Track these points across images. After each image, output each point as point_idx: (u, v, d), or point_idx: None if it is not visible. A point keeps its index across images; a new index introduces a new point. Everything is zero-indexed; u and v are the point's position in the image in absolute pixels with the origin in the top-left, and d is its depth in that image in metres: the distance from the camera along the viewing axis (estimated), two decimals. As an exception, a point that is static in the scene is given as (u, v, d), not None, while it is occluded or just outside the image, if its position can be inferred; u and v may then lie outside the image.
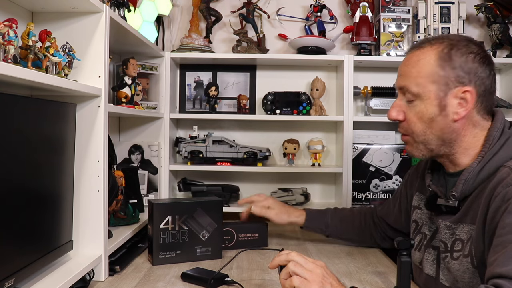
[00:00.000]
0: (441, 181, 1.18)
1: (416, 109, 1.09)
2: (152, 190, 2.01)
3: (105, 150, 1.27)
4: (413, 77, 1.09)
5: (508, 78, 2.16)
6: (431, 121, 1.08)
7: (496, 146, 1.05)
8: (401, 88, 1.12)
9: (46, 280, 1.06)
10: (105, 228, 1.28)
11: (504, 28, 2.08)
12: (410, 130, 1.12)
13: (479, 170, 1.05)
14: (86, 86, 1.19)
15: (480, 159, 1.05)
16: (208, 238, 1.45)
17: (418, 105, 1.09)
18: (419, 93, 1.08)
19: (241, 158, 2.05)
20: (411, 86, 1.09)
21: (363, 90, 2.13)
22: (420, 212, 1.26)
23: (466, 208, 1.07)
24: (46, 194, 1.09)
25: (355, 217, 1.58)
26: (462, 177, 1.07)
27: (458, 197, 1.08)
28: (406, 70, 1.11)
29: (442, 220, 1.13)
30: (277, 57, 2.13)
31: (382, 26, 2.11)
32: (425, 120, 1.08)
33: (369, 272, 1.33)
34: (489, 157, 1.05)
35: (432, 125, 1.08)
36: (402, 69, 1.13)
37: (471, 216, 1.06)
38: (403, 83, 1.11)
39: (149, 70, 2.02)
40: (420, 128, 1.10)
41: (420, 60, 1.09)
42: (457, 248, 1.08)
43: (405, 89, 1.10)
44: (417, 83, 1.08)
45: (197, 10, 2.14)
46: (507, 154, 1.04)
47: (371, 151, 2.10)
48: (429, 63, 1.07)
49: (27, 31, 1.01)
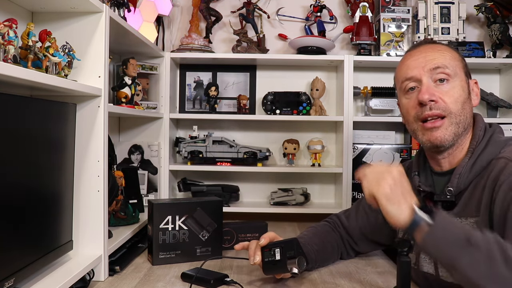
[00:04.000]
0: (429, 181, 1.20)
1: (454, 89, 1.12)
2: (152, 190, 2.01)
3: (105, 150, 1.27)
4: (448, 59, 1.13)
5: (508, 78, 2.16)
6: (464, 102, 1.13)
7: (482, 143, 1.12)
8: (434, 69, 1.12)
9: (46, 280, 1.06)
10: (105, 228, 1.27)
11: (504, 28, 2.08)
12: (448, 109, 1.11)
13: (471, 165, 1.10)
14: (86, 86, 1.19)
15: (470, 155, 1.11)
16: (208, 238, 1.45)
17: (455, 86, 1.12)
18: (456, 74, 1.12)
19: (241, 158, 2.05)
20: (448, 66, 1.12)
21: (363, 90, 2.14)
22: None
23: (463, 202, 1.10)
24: (46, 194, 1.09)
25: (326, 244, 1.39)
26: (456, 171, 1.11)
27: (454, 192, 1.11)
28: (439, 54, 1.14)
29: None
30: (277, 57, 2.13)
31: (382, 26, 2.11)
32: (461, 100, 1.12)
33: (369, 272, 1.32)
34: (478, 152, 1.10)
35: (465, 106, 1.13)
36: (432, 54, 1.14)
37: (470, 210, 1.08)
38: (439, 63, 1.12)
39: (149, 70, 2.02)
40: (458, 107, 1.11)
41: (447, 49, 1.16)
42: None
43: (441, 69, 1.12)
44: (452, 64, 1.13)
45: (197, 10, 2.15)
46: (495, 149, 1.10)
47: (371, 151, 2.10)
48: (454, 52, 1.17)
49: (27, 31, 1.01)
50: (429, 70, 1.12)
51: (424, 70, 1.13)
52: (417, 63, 1.15)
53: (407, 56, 1.20)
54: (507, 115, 2.13)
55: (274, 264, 1.15)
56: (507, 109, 2.11)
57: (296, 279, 1.24)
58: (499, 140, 1.12)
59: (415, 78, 1.14)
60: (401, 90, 1.20)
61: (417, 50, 1.18)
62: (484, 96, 2.12)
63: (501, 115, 2.15)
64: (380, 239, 1.40)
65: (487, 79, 2.20)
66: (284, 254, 1.14)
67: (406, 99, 1.18)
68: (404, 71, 1.18)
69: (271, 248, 1.17)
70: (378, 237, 1.40)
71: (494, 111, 2.13)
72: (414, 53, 1.17)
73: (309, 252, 1.30)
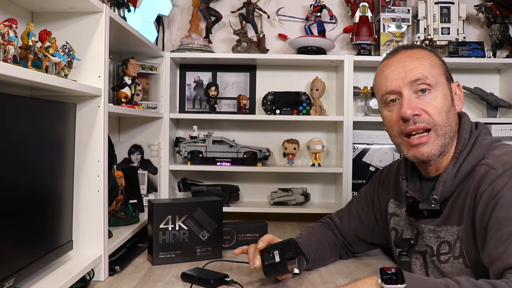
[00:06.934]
0: (417, 186, 1.18)
1: (437, 99, 1.08)
2: (152, 190, 2.01)
3: (105, 150, 1.27)
4: (428, 67, 1.09)
5: (508, 78, 2.16)
6: (448, 111, 1.09)
7: (467, 147, 1.08)
8: (415, 81, 1.08)
9: (46, 280, 1.06)
10: (105, 228, 1.28)
11: (504, 28, 2.08)
12: (432, 122, 1.07)
13: (456, 171, 1.07)
14: (86, 86, 1.19)
15: (455, 161, 1.08)
16: (208, 238, 1.45)
17: (436, 95, 1.08)
18: (437, 83, 1.08)
19: (241, 158, 2.05)
20: (428, 76, 1.08)
21: (363, 90, 2.13)
22: (397, 219, 1.26)
23: (448, 210, 1.08)
24: (46, 194, 1.09)
25: (325, 243, 1.39)
26: (440, 179, 1.08)
27: (439, 200, 1.08)
28: (418, 63, 1.09)
29: (425, 224, 1.13)
30: (277, 57, 2.13)
31: (382, 26, 2.11)
32: (444, 110, 1.08)
33: (369, 272, 1.32)
34: (463, 157, 1.07)
35: (449, 115, 1.09)
36: (411, 64, 1.10)
37: (454, 217, 1.06)
38: (419, 74, 1.08)
39: (149, 70, 2.02)
40: (442, 118, 1.07)
41: (426, 56, 1.12)
42: (444, 251, 1.08)
43: (421, 80, 1.07)
44: (432, 73, 1.09)
45: (197, 10, 2.15)
46: (479, 153, 1.06)
47: (371, 151, 2.10)
48: (434, 57, 1.12)
49: (27, 31, 1.01)
50: (409, 82, 1.08)
51: (404, 82, 1.08)
52: (396, 74, 1.10)
53: (385, 66, 1.14)
54: (507, 115, 2.13)
55: (274, 266, 1.15)
56: (507, 109, 2.11)
57: (296, 279, 1.24)
58: (484, 143, 1.08)
59: (395, 91, 1.10)
60: (381, 102, 1.16)
61: (394, 58, 1.13)
62: (484, 96, 2.12)
63: (501, 115, 2.15)
64: (374, 240, 1.40)
65: (487, 79, 2.20)
66: (283, 256, 1.14)
67: (388, 112, 1.14)
68: (383, 84, 1.13)
69: (269, 250, 1.17)
70: (372, 238, 1.40)
71: (494, 111, 2.13)
72: (392, 63, 1.12)
73: (308, 251, 1.30)
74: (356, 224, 1.39)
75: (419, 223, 1.15)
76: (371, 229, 1.38)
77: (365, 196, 1.41)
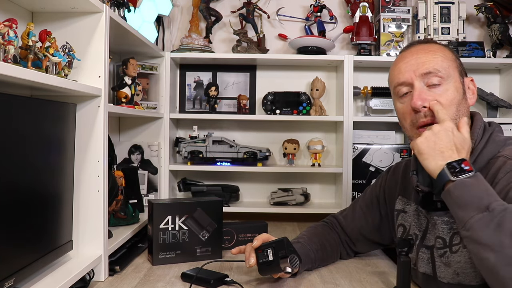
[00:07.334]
0: (427, 181, 1.18)
1: (448, 92, 1.09)
2: (152, 190, 2.01)
3: (105, 150, 1.27)
4: (440, 61, 1.10)
5: (508, 78, 2.16)
6: (459, 104, 1.10)
7: (481, 143, 1.09)
8: (426, 74, 1.09)
9: (46, 280, 1.06)
10: (105, 228, 1.28)
11: (504, 28, 2.08)
12: None
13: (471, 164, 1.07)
14: (86, 86, 1.19)
15: (469, 155, 1.08)
16: (208, 238, 1.45)
17: (448, 88, 1.09)
18: (448, 76, 1.10)
19: (241, 158, 2.05)
20: (440, 69, 1.09)
21: (363, 90, 2.14)
22: (405, 216, 1.26)
23: None
24: (46, 194, 1.09)
25: (325, 243, 1.39)
26: None
27: None
28: (430, 56, 1.11)
29: (438, 216, 1.13)
30: (277, 57, 2.13)
31: (382, 26, 2.11)
32: (455, 102, 1.09)
33: (369, 272, 1.32)
34: (478, 151, 1.08)
35: (460, 107, 1.10)
36: (423, 57, 1.11)
37: None
38: (431, 68, 1.09)
39: (149, 70, 2.02)
40: (453, 110, 1.09)
41: (439, 49, 1.13)
42: (456, 241, 1.09)
43: (433, 73, 1.09)
44: (444, 66, 1.10)
45: (197, 10, 2.15)
46: (494, 149, 1.08)
47: (371, 151, 2.10)
48: (447, 51, 1.14)
49: (27, 31, 1.01)
50: (421, 75, 1.10)
51: (416, 74, 1.11)
52: (408, 66, 1.13)
53: (400, 59, 1.18)
54: (507, 115, 2.13)
55: (268, 264, 1.15)
56: (507, 109, 2.11)
57: (296, 279, 1.24)
58: (499, 139, 1.10)
59: (407, 83, 1.12)
60: (395, 95, 1.19)
61: (408, 51, 1.16)
62: (484, 96, 2.12)
63: (501, 115, 2.15)
64: (379, 239, 1.40)
65: (487, 79, 2.21)
66: (277, 254, 1.14)
67: (400, 104, 1.16)
68: (396, 75, 1.16)
69: (263, 249, 1.17)
70: (377, 237, 1.40)
71: (494, 111, 2.13)
72: (406, 55, 1.15)
73: (309, 252, 1.30)
74: (360, 222, 1.40)
75: (431, 216, 1.15)
76: (375, 227, 1.38)
77: (370, 194, 1.42)
